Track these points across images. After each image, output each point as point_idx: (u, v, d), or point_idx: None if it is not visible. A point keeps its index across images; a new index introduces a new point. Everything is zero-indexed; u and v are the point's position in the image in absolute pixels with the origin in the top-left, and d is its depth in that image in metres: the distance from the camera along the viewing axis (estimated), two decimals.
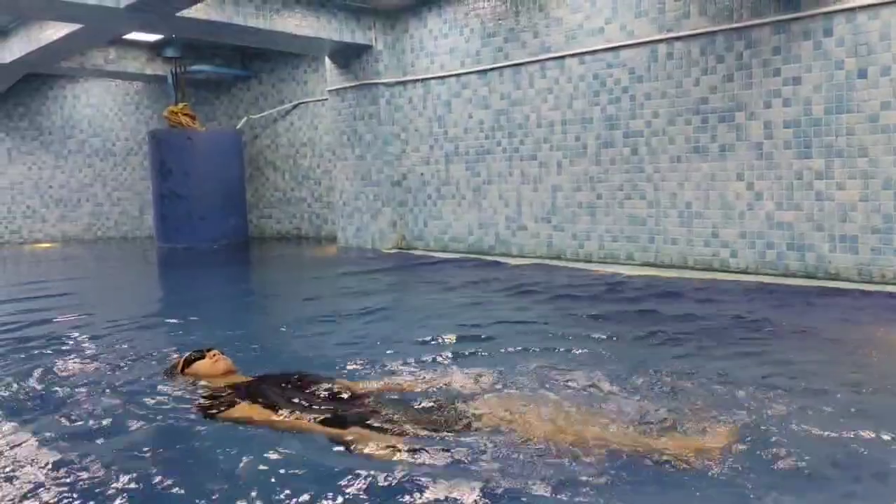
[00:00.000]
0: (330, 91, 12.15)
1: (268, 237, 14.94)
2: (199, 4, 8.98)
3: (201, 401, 3.54)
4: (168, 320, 6.21)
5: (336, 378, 3.77)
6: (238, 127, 14.97)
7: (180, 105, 13.69)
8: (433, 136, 10.91)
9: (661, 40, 8.27)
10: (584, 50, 8.93)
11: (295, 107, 14.31)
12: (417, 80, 11.02)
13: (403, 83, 11.23)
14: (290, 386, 3.56)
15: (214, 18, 9.45)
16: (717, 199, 8.01)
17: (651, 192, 8.54)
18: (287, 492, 2.61)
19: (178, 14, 9.04)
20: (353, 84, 11.62)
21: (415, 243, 11.37)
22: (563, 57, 9.16)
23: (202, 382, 3.77)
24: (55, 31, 10.42)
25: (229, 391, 3.57)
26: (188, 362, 3.89)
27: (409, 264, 9.75)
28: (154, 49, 13.76)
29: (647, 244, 8.65)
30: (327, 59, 12.03)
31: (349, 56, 11.50)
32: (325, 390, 3.49)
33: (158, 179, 13.54)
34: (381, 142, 11.36)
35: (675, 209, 8.36)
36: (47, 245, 15.06)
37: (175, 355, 4.35)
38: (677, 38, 8.14)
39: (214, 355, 3.86)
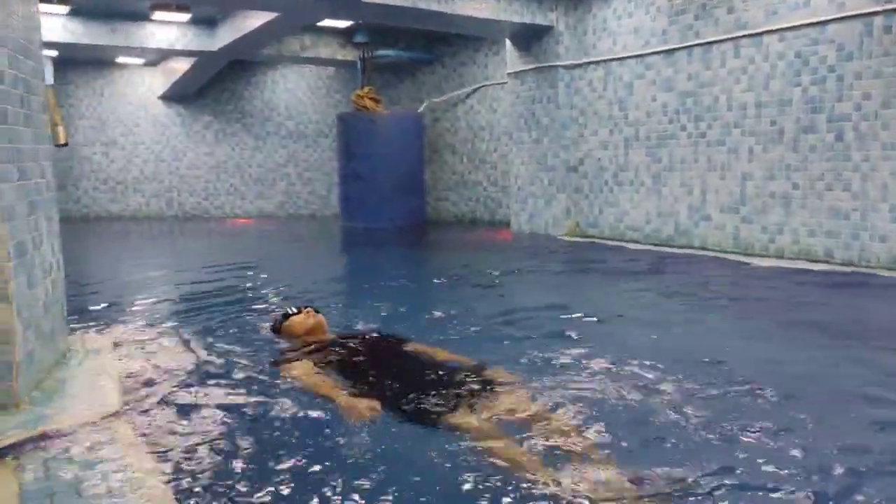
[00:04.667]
0: (509, 74, 12.04)
1: (444, 220, 15.15)
2: None
3: (277, 356, 4.13)
4: (329, 288, 7.02)
5: (412, 341, 4.16)
6: (419, 110, 15.28)
7: (366, 89, 14.17)
8: (612, 119, 10.48)
9: (877, 12, 7.32)
10: (785, 25, 8.12)
11: (475, 90, 14.35)
12: (598, 62, 10.61)
13: (584, 65, 10.86)
14: (361, 346, 4.00)
15: (397, 3, 9.61)
16: None
17: (857, 183, 7.63)
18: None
19: (363, 0, 9.29)
20: (532, 67, 11.42)
21: (589, 230, 11.01)
22: (760, 34, 8.40)
23: (293, 331, 4.38)
24: (255, 20, 11.13)
25: (303, 350, 4.04)
26: (286, 316, 4.48)
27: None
28: (344, 35, 14.33)
29: (849, 240, 7.75)
30: (508, 42, 11.91)
31: (530, 38, 11.30)
32: (388, 351, 3.92)
33: (343, 161, 14.13)
34: (558, 125, 11.09)
35: (885, 203, 7.42)
36: (246, 220, 16.25)
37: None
38: None
39: (308, 312, 4.39)
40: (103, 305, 6.31)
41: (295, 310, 4.50)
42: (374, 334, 4.41)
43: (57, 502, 2.51)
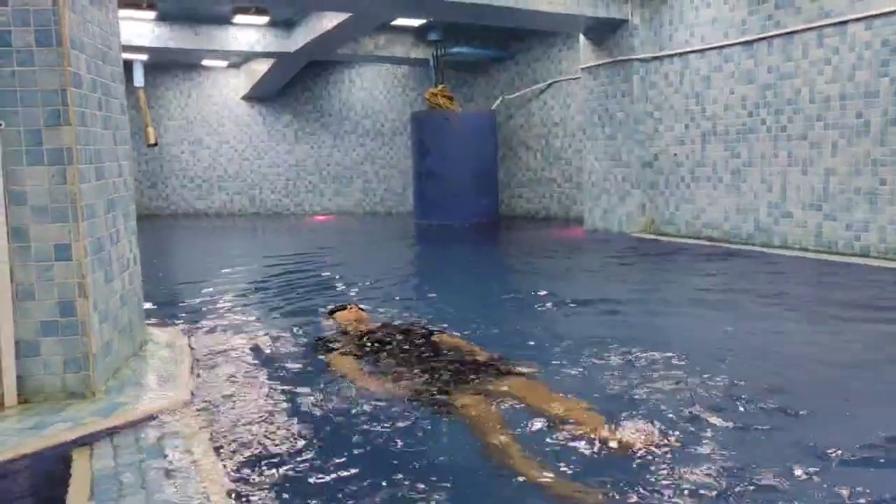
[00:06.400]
0: (583, 69, 11.89)
1: (518, 217, 15.08)
2: None
3: (319, 339, 4.74)
4: (390, 280, 7.41)
5: (438, 331, 4.67)
6: (493, 107, 15.26)
7: (439, 87, 14.25)
8: (689, 113, 10.21)
9: None
10: (872, 13, 7.73)
11: (549, 86, 14.23)
12: (675, 55, 10.36)
13: (660, 58, 10.62)
14: (390, 335, 4.48)
15: (470, 0, 9.62)
16: None
17: None
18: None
19: None
20: (606, 61, 11.24)
21: (665, 228, 10.78)
22: (845, 22, 8.02)
23: (339, 324, 4.99)
24: (330, 21, 11.36)
25: (342, 338, 4.62)
26: (332, 312, 5.18)
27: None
28: (418, 33, 14.44)
29: None
30: (581, 37, 11.76)
31: (603, 32, 11.13)
32: (406, 338, 4.38)
33: (417, 158, 14.27)
34: (632, 120, 10.89)
35: None
36: (324, 217, 16.61)
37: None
38: None
39: (352, 309, 5.11)
40: (185, 298, 6.60)
41: (341, 305, 5.26)
42: (408, 326, 4.84)
43: (125, 490, 2.64)
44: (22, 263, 3.42)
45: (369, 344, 4.36)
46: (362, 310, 5.18)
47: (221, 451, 3.00)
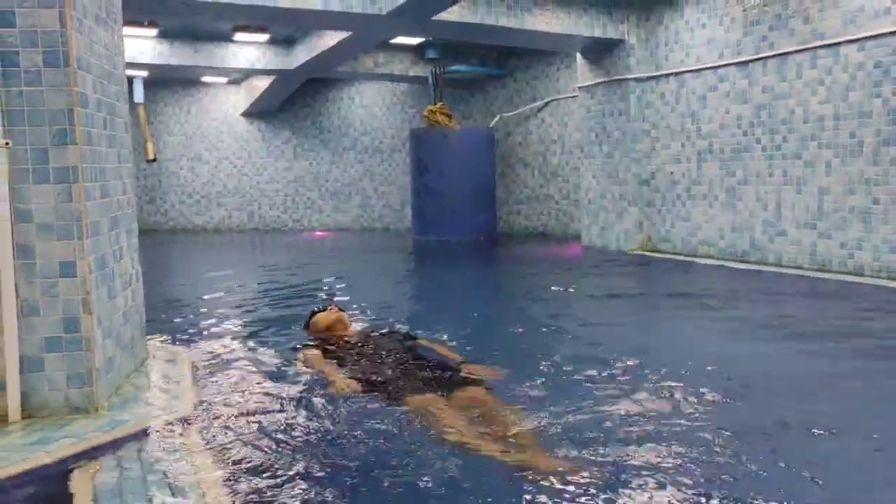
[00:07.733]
0: (580, 88, 12.01)
1: (516, 233, 15.14)
2: (453, 7, 9.32)
3: (300, 344, 4.92)
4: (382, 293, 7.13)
5: (418, 338, 4.87)
6: (491, 125, 15.37)
7: (438, 104, 14.36)
8: (685, 132, 10.32)
9: None
10: (864, 35, 7.85)
11: (546, 104, 14.36)
12: (671, 75, 10.48)
13: (656, 78, 10.75)
14: (370, 339, 4.71)
15: (467, 20, 9.76)
16: None
17: None
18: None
19: (433, 18, 9.47)
20: (603, 80, 11.36)
21: (661, 245, 10.85)
22: (838, 44, 8.14)
23: (319, 326, 5.06)
24: (330, 39, 11.47)
25: (320, 341, 4.78)
26: (313, 313, 5.20)
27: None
28: (417, 51, 14.57)
29: None
30: (579, 56, 11.90)
31: (600, 51, 11.26)
32: (391, 345, 4.56)
33: (416, 175, 14.35)
34: (629, 139, 10.99)
35: None
36: (323, 233, 16.66)
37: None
38: None
39: (331, 309, 5.12)
40: (185, 314, 6.65)
41: (321, 307, 5.25)
42: (386, 330, 5.12)
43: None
44: (27, 280, 3.47)
45: (345, 347, 4.56)
46: (342, 311, 5.18)
47: (223, 465, 3.04)
